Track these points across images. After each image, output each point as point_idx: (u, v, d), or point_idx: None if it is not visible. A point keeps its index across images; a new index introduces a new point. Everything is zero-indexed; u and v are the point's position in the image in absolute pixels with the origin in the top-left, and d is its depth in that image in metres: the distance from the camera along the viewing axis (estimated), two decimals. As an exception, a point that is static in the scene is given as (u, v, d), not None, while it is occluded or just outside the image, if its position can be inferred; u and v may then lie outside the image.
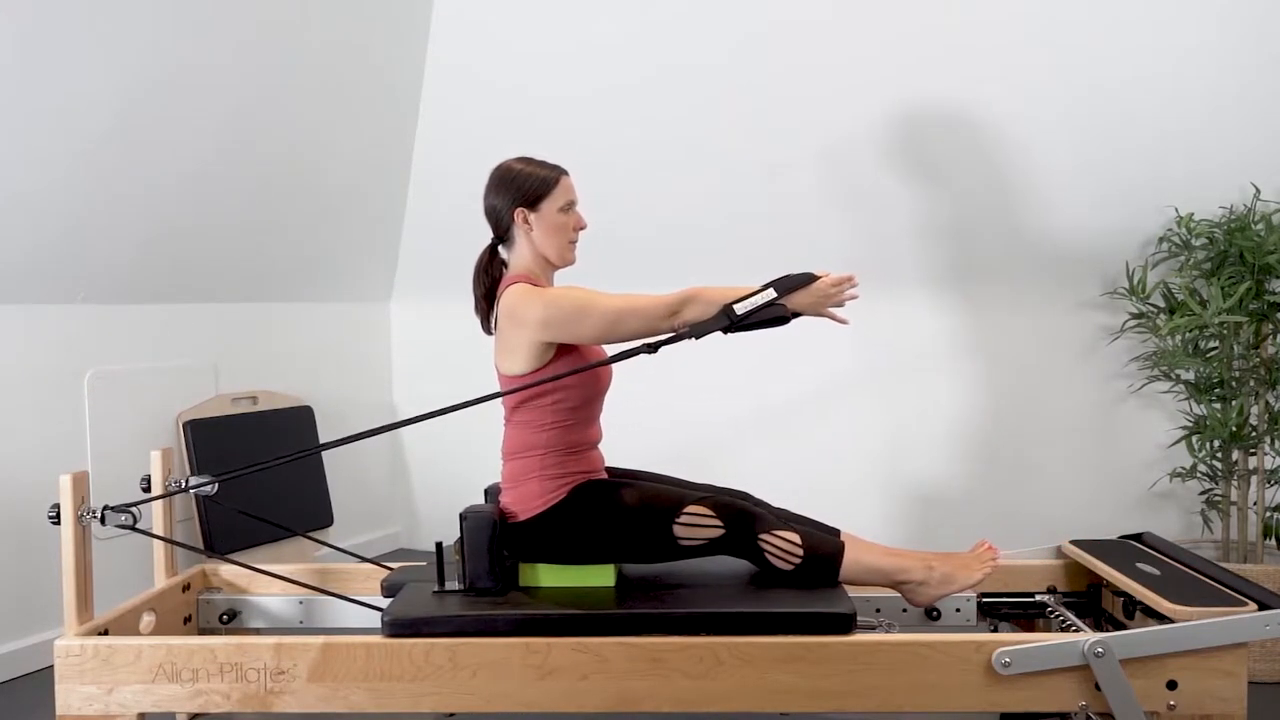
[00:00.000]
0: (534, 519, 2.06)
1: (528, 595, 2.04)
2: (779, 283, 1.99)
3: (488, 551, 2.04)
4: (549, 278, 2.19)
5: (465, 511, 2.04)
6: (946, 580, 2.08)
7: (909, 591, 2.10)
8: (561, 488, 2.07)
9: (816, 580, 2.04)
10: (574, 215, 2.16)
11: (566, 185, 2.15)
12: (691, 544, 2.04)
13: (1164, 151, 2.99)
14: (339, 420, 3.88)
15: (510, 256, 2.18)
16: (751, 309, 1.96)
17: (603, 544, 2.05)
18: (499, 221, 2.15)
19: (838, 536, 2.12)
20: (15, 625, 2.82)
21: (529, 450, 2.09)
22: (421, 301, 4.19)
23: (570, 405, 2.08)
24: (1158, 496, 3.19)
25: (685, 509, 2.03)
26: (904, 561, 2.09)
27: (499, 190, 2.14)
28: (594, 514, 2.04)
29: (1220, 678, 1.81)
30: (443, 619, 1.92)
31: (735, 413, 3.69)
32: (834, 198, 3.38)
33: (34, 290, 2.86)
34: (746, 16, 3.24)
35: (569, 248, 2.16)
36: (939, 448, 3.44)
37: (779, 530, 2.04)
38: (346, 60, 3.42)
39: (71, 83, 2.66)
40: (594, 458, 2.15)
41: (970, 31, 3.04)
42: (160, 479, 2.30)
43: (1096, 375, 3.25)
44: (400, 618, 1.92)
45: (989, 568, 2.11)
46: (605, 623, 1.92)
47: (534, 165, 2.16)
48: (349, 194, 3.70)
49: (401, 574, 2.27)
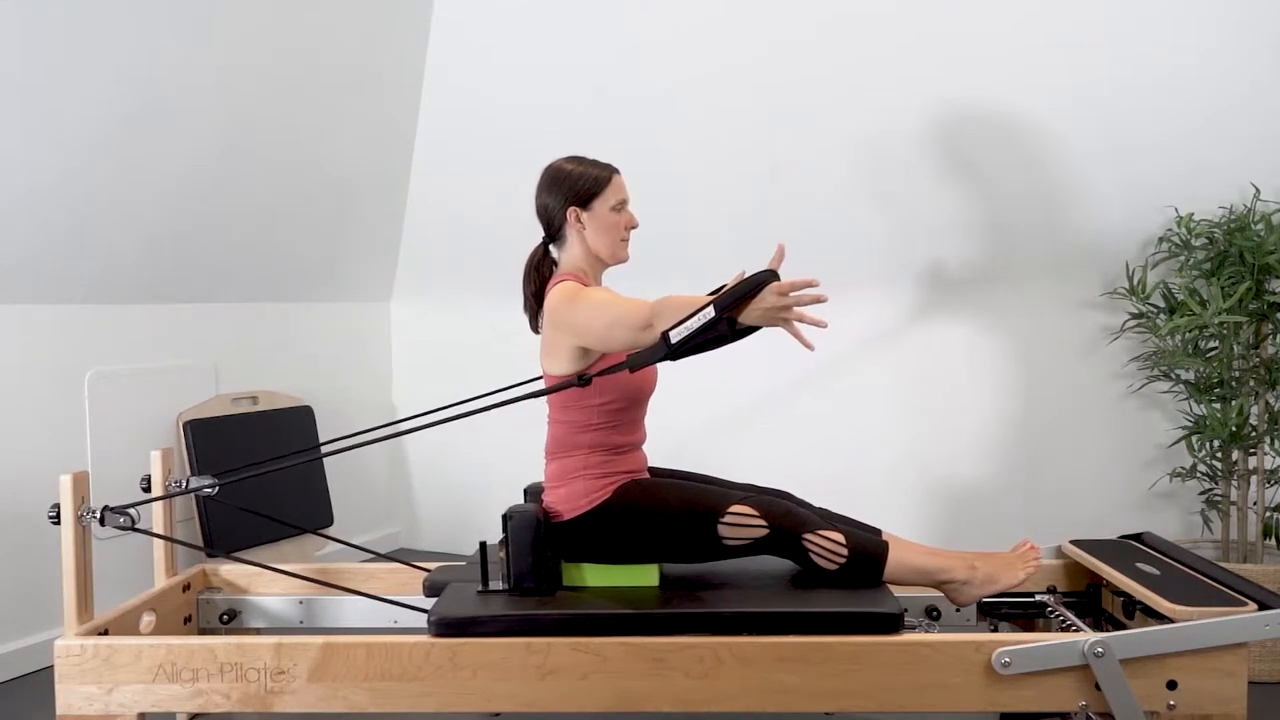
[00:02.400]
0: (579, 518, 2.06)
1: (573, 595, 2.03)
2: (721, 296, 1.76)
3: (532, 551, 2.03)
4: (598, 276, 2.19)
5: (510, 510, 2.03)
6: (990, 580, 2.08)
7: (952, 591, 2.10)
8: (606, 487, 2.06)
9: (860, 580, 2.04)
10: (626, 214, 2.17)
11: (618, 184, 2.16)
12: (736, 544, 2.04)
13: (1164, 151, 2.99)
14: (339, 420, 3.88)
15: (561, 255, 2.19)
16: (690, 334, 1.76)
17: (647, 543, 2.05)
18: (551, 220, 2.16)
19: (879, 536, 2.12)
20: (15, 625, 2.82)
21: (574, 450, 2.09)
22: (421, 301, 4.19)
23: (616, 407, 2.08)
24: (1158, 496, 3.19)
25: (730, 509, 2.03)
26: (947, 561, 2.09)
27: (551, 189, 2.14)
28: (639, 514, 2.04)
29: (1220, 678, 1.81)
30: (489, 618, 1.91)
31: (725, 411, 3.70)
32: (836, 200, 3.38)
33: (34, 290, 2.86)
34: (750, 27, 3.24)
35: (621, 246, 2.17)
36: (938, 447, 3.44)
37: (824, 530, 2.04)
38: (346, 61, 3.42)
39: (72, 84, 2.66)
40: (638, 458, 2.15)
41: (972, 35, 3.04)
42: (160, 479, 2.30)
43: (1096, 375, 3.25)
44: (446, 617, 1.91)
45: (1032, 567, 2.11)
46: (654, 622, 1.91)
47: (586, 164, 2.16)
48: (349, 194, 3.70)
49: (442, 573, 2.25)
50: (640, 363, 1.83)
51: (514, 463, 4.03)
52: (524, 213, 3.81)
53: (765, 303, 1.74)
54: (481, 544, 2.06)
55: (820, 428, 3.58)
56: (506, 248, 3.93)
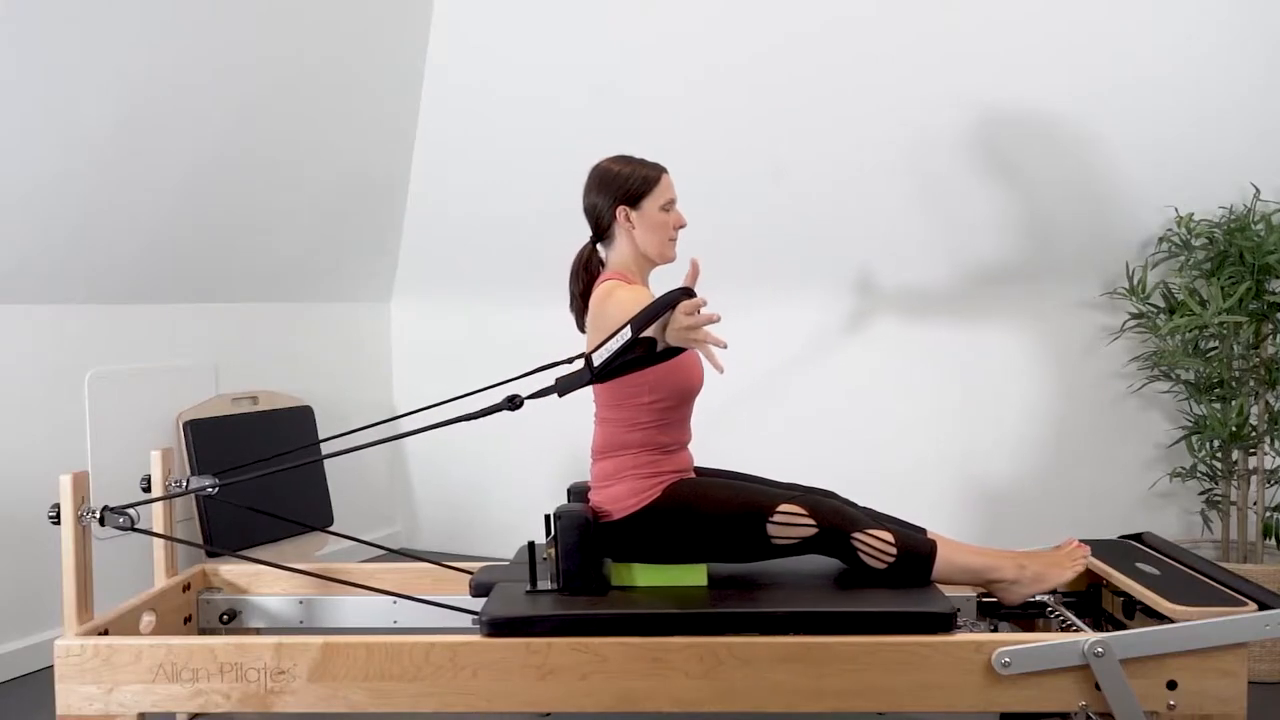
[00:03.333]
0: (628, 518, 2.05)
1: (623, 594, 2.03)
2: (634, 317, 1.76)
3: (581, 550, 2.03)
4: (645, 276, 2.19)
5: (559, 510, 2.02)
6: (1039, 579, 2.07)
7: (1001, 590, 2.09)
8: (655, 487, 2.06)
9: (908, 579, 2.03)
10: (675, 213, 2.17)
11: (667, 183, 2.16)
12: (784, 543, 2.03)
13: (1164, 151, 2.99)
14: (339, 420, 3.88)
15: (609, 254, 2.19)
16: (610, 356, 1.77)
17: (696, 543, 2.04)
18: (599, 220, 2.16)
19: (925, 535, 2.12)
20: (15, 625, 2.82)
21: (622, 449, 2.08)
22: (421, 301, 4.19)
23: (666, 405, 2.08)
24: (1158, 496, 3.19)
25: (779, 508, 2.02)
26: (996, 560, 2.08)
27: (600, 189, 2.14)
28: (688, 513, 2.03)
29: (1220, 678, 1.81)
30: (541, 618, 1.91)
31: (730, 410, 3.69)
32: (837, 201, 3.38)
33: (34, 290, 2.86)
34: (751, 26, 3.24)
35: (669, 245, 2.17)
36: (938, 448, 3.44)
37: (872, 529, 2.03)
38: (346, 61, 3.42)
39: (72, 84, 2.66)
40: (685, 457, 2.15)
41: (971, 35, 3.04)
42: (160, 479, 2.30)
43: (1096, 375, 3.25)
44: (498, 617, 1.91)
45: (1080, 566, 2.10)
46: (707, 622, 1.91)
47: (635, 164, 2.16)
48: (349, 194, 3.70)
49: (486, 574, 2.24)
50: (567, 387, 1.84)
51: (514, 462, 4.03)
52: (524, 212, 3.83)
53: (675, 323, 1.73)
54: (530, 544, 2.06)
55: (827, 428, 3.58)
56: (507, 247, 3.93)
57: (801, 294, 3.56)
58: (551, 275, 3.88)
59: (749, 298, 3.61)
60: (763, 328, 3.61)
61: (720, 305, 3.51)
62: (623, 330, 1.77)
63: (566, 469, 3.95)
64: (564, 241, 3.80)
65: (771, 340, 3.62)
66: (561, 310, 3.98)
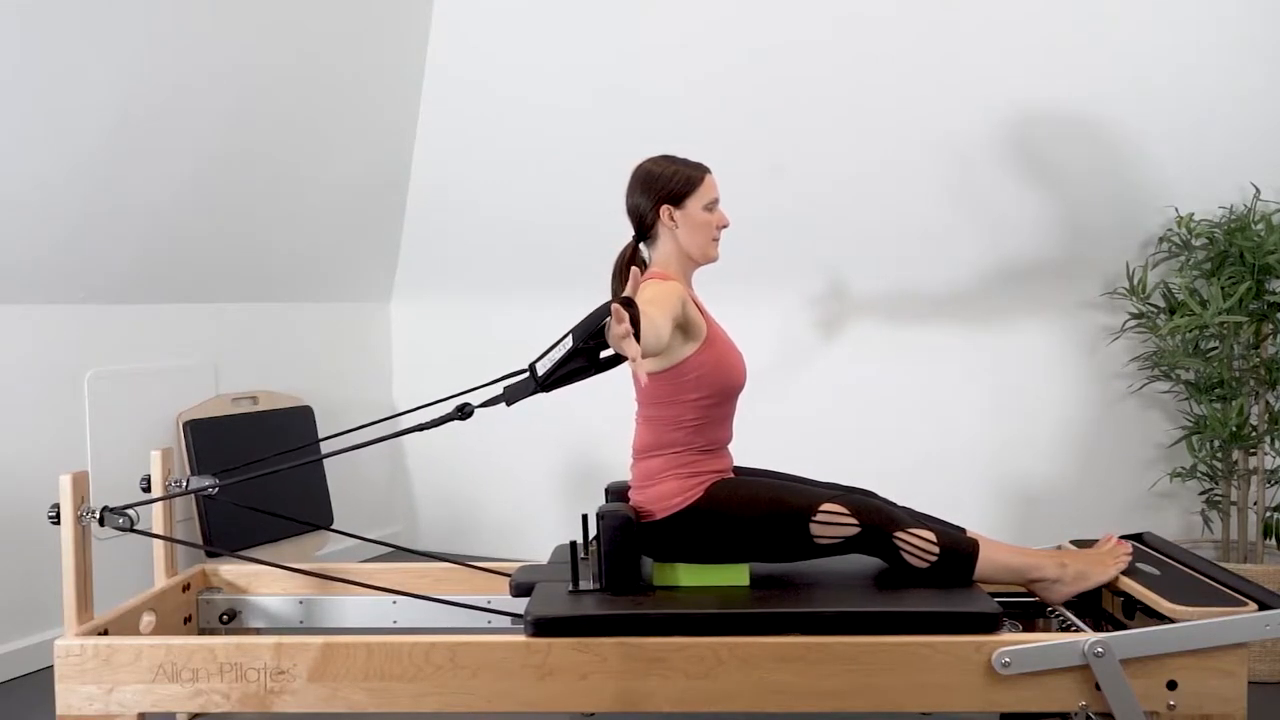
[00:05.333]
0: (670, 518, 2.04)
1: (667, 594, 2.02)
2: (578, 325, 1.74)
3: (624, 550, 2.02)
4: (688, 275, 2.19)
5: (601, 510, 2.02)
6: (1081, 577, 2.06)
7: (1043, 589, 2.08)
8: (697, 486, 2.05)
9: (951, 579, 2.02)
10: (718, 213, 2.17)
11: (710, 183, 2.16)
12: (827, 542, 2.03)
13: (1164, 151, 2.99)
14: (339, 420, 3.88)
15: (652, 254, 2.19)
16: (553, 366, 1.76)
17: (739, 543, 2.03)
18: (642, 219, 2.15)
19: (965, 534, 2.11)
20: (15, 625, 2.82)
21: (664, 448, 2.08)
22: (421, 301, 4.19)
23: (710, 403, 2.07)
24: (1158, 496, 3.19)
25: (821, 508, 2.02)
26: (1037, 559, 2.07)
27: (644, 189, 2.14)
28: (730, 513, 2.03)
29: (1220, 678, 1.81)
30: (585, 618, 1.90)
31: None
32: (838, 201, 3.38)
33: (34, 290, 2.86)
34: (750, 27, 3.24)
35: (712, 245, 2.17)
36: (937, 447, 3.44)
37: (914, 528, 2.03)
38: (346, 61, 3.42)
39: (72, 84, 2.66)
40: (725, 457, 2.15)
41: (970, 36, 3.04)
42: (160, 479, 2.30)
43: (1096, 375, 3.25)
44: (543, 617, 1.90)
45: (1123, 563, 2.08)
46: (747, 622, 1.90)
47: (678, 164, 2.16)
48: (349, 194, 3.70)
49: (525, 574, 2.22)
50: (513, 397, 1.84)
51: (515, 462, 4.03)
52: (524, 212, 3.83)
53: (610, 331, 1.61)
54: (572, 543, 2.05)
55: (828, 429, 3.58)
56: (507, 247, 3.93)
57: (801, 294, 3.56)
58: (552, 275, 3.88)
59: (749, 295, 3.61)
60: (765, 327, 3.61)
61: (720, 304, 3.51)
62: (565, 339, 1.75)
63: (567, 469, 3.95)
64: (564, 241, 3.80)
65: (774, 339, 3.62)
66: (562, 310, 3.99)
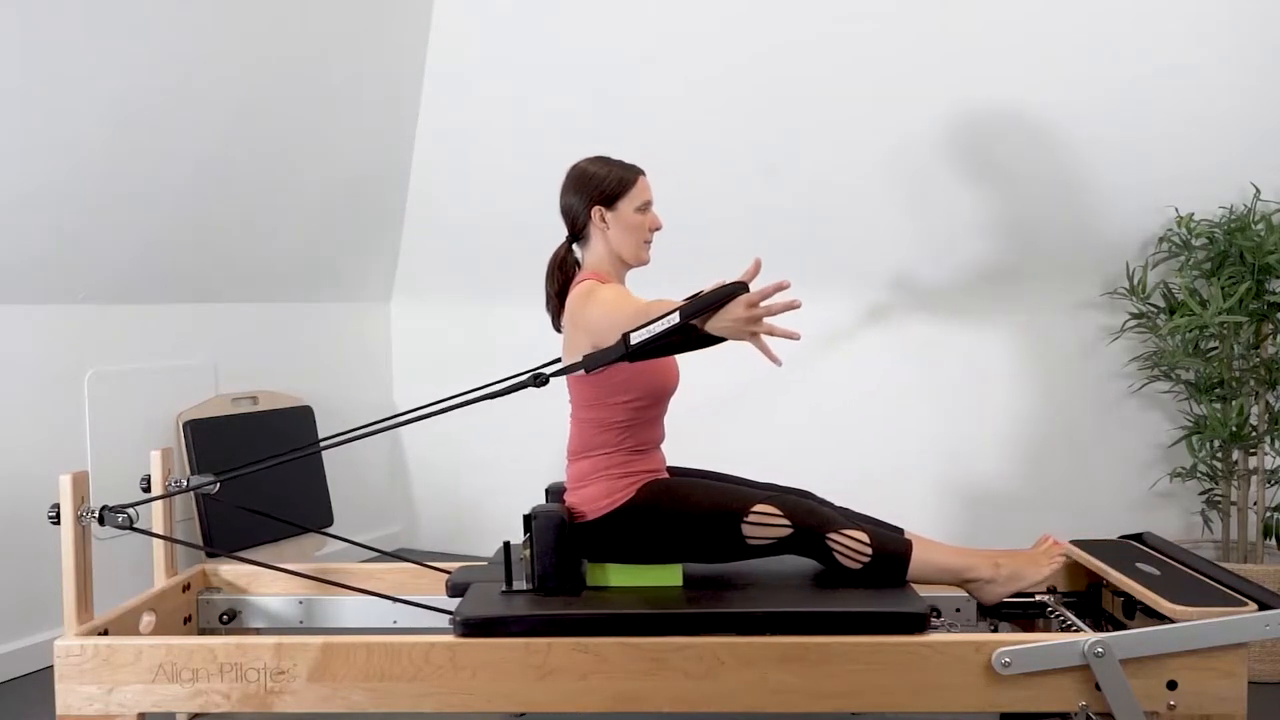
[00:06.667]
0: (602, 518, 2.05)
1: (597, 595, 2.02)
2: (690, 303, 1.77)
3: (556, 551, 2.02)
4: (621, 277, 2.18)
5: (534, 511, 2.02)
6: (1014, 577, 2.08)
7: (976, 590, 2.09)
8: (629, 487, 2.06)
9: (884, 579, 2.03)
10: (650, 215, 2.16)
11: (644, 185, 2.15)
12: (759, 543, 2.03)
13: (1164, 151, 2.99)
14: (339, 420, 3.88)
15: (585, 255, 2.19)
16: (650, 337, 1.79)
17: (671, 543, 2.04)
18: (575, 220, 2.16)
19: (902, 535, 2.12)
20: (15, 625, 2.82)
21: (596, 449, 2.09)
22: (421, 301, 4.19)
23: (641, 404, 2.08)
24: (1158, 496, 3.19)
25: (753, 508, 2.02)
26: (971, 560, 2.08)
27: (576, 189, 2.14)
28: (662, 513, 2.03)
29: (1220, 678, 1.81)
30: (514, 618, 1.91)
31: (734, 404, 3.69)
32: (837, 201, 3.38)
33: (34, 290, 2.86)
34: (749, 28, 3.24)
35: (644, 247, 2.16)
36: (937, 447, 3.44)
37: (847, 529, 2.03)
38: (347, 61, 3.42)
39: (73, 84, 2.66)
40: (658, 457, 2.15)
41: (970, 36, 3.04)
42: (160, 479, 2.30)
43: (1097, 375, 3.25)
44: (472, 617, 1.91)
45: (1057, 564, 2.10)
46: (677, 622, 1.91)
47: (612, 164, 2.16)
48: (349, 194, 3.70)
49: (463, 574, 2.24)
50: (595, 362, 1.85)
51: (514, 462, 4.03)
52: (524, 213, 3.82)
53: (733, 314, 1.73)
54: (505, 544, 2.06)
55: (828, 428, 3.58)
56: (506, 247, 3.93)
57: (808, 295, 3.56)
58: (551, 275, 3.87)
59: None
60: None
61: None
62: (671, 315, 1.77)
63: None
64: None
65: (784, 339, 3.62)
66: (561, 310, 3.99)
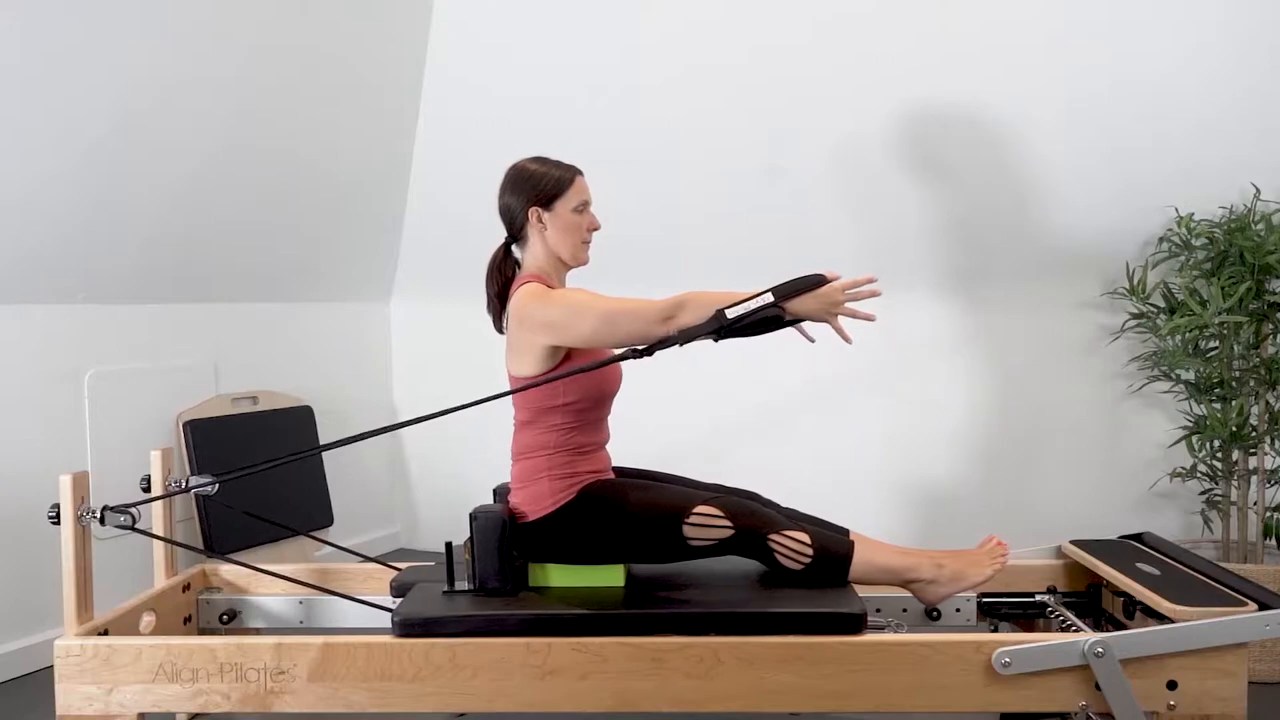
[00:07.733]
0: (543, 519, 2.06)
1: (538, 595, 2.03)
2: (780, 286, 1.92)
3: (497, 551, 2.04)
4: (562, 278, 2.18)
5: (475, 511, 2.03)
6: (957, 577, 2.08)
7: (919, 590, 2.10)
8: (571, 488, 2.07)
9: (826, 580, 2.04)
10: (588, 215, 2.16)
11: (581, 185, 2.15)
12: (701, 544, 2.04)
13: (1164, 151, 2.99)
14: (339, 420, 3.88)
15: (524, 256, 2.18)
16: (745, 313, 1.89)
17: (612, 544, 2.05)
18: (513, 220, 2.15)
19: (847, 536, 2.12)
20: (15, 625, 2.82)
21: (538, 450, 2.09)
22: (421, 301, 4.19)
23: (581, 407, 2.08)
24: (1158, 496, 3.19)
25: (694, 509, 2.03)
26: (913, 560, 2.09)
27: (514, 189, 2.14)
28: (603, 514, 2.04)
29: (1220, 678, 1.81)
30: (453, 619, 1.92)
31: (732, 412, 3.69)
32: (836, 199, 3.38)
33: (34, 290, 2.86)
34: (749, 26, 3.24)
35: (582, 248, 2.16)
36: (938, 447, 3.44)
37: (788, 530, 2.04)
38: (346, 60, 3.41)
39: (72, 83, 2.66)
40: (602, 458, 2.16)
41: (971, 34, 3.04)
42: (160, 479, 2.30)
43: (1096, 375, 3.25)
44: (410, 617, 1.92)
45: (999, 564, 2.11)
46: (615, 623, 1.91)
47: (549, 165, 2.16)
48: (349, 194, 3.70)
49: (410, 574, 2.26)
50: (691, 336, 1.91)
51: (514, 463, 4.03)
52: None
53: (825, 297, 1.93)
54: (448, 544, 2.07)
55: (818, 428, 3.58)
56: (506, 248, 3.93)
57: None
58: (551, 275, 3.87)
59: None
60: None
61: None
62: (764, 295, 1.90)
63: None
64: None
65: (783, 338, 3.62)
66: (561, 310, 3.98)
